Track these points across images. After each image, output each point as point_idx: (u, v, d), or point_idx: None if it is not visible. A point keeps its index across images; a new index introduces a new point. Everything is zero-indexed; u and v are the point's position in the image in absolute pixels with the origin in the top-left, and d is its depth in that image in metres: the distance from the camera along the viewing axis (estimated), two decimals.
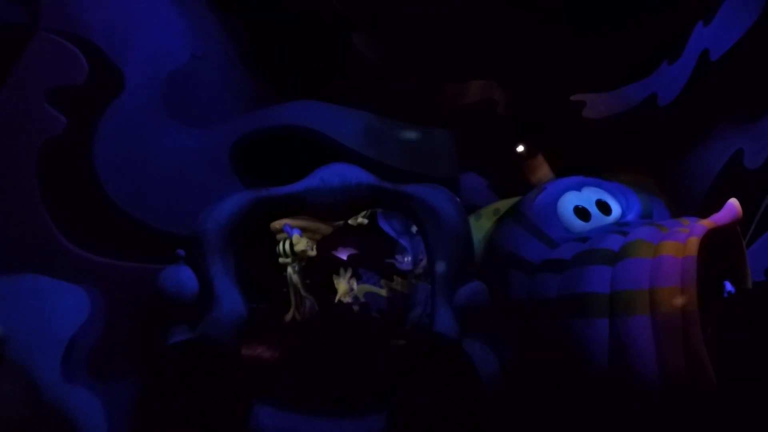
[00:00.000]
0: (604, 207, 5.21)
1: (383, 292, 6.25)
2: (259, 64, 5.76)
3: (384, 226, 6.56)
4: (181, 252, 4.30)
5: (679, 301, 3.75)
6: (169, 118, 4.90)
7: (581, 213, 5.13)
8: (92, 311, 4.02)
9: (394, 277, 6.41)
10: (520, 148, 7.17)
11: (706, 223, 4.02)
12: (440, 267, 4.57)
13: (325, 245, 5.87)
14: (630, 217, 5.20)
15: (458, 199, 4.82)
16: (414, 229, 6.32)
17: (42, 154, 4.14)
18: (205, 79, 5.23)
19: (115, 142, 4.53)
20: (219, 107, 5.29)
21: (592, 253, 4.45)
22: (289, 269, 5.51)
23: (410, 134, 5.53)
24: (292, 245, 5.44)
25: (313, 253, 5.53)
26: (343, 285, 5.78)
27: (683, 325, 3.71)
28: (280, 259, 5.52)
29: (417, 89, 6.35)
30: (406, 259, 6.58)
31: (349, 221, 6.44)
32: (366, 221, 6.45)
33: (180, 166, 4.89)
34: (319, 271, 5.80)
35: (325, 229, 6.00)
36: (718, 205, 4.17)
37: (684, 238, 3.99)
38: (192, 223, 4.59)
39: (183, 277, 4.26)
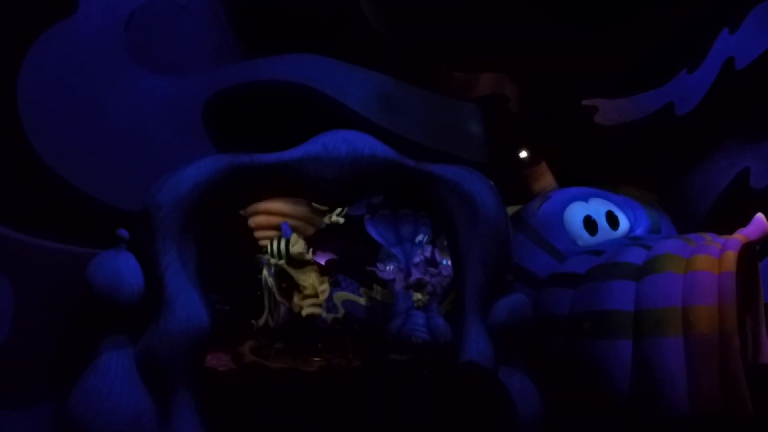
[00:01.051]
0: (611, 219, 5.05)
1: (362, 300, 6.07)
2: (247, 20, 5.05)
3: (372, 231, 6.19)
4: (123, 233, 3.43)
5: (717, 321, 3.46)
6: (130, 59, 4.13)
7: (588, 225, 4.96)
8: None
9: (374, 285, 6.25)
10: (524, 155, 6.85)
11: (740, 237, 3.73)
12: (473, 272, 3.65)
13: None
14: (638, 231, 5.06)
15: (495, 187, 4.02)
16: (419, 238, 5.73)
17: None
18: (181, 22, 4.49)
19: (52, 78, 3.73)
20: (195, 57, 4.52)
21: (612, 267, 4.15)
22: (265, 271, 4.90)
23: (436, 105, 4.67)
24: (287, 246, 4.80)
25: (309, 256, 4.89)
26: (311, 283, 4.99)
27: (720, 347, 3.43)
28: (272, 260, 4.87)
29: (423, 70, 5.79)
30: (388, 267, 6.37)
31: (324, 219, 6.09)
32: (341, 220, 6.13)
33: (137, 119, 4.06)
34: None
35: (312, 231, 5.54)
36: (722, 224, 4.08)
37: (717, 253, 3.71)
38: (143, 195, 3.61)
39: (122, 268, 3.36)
